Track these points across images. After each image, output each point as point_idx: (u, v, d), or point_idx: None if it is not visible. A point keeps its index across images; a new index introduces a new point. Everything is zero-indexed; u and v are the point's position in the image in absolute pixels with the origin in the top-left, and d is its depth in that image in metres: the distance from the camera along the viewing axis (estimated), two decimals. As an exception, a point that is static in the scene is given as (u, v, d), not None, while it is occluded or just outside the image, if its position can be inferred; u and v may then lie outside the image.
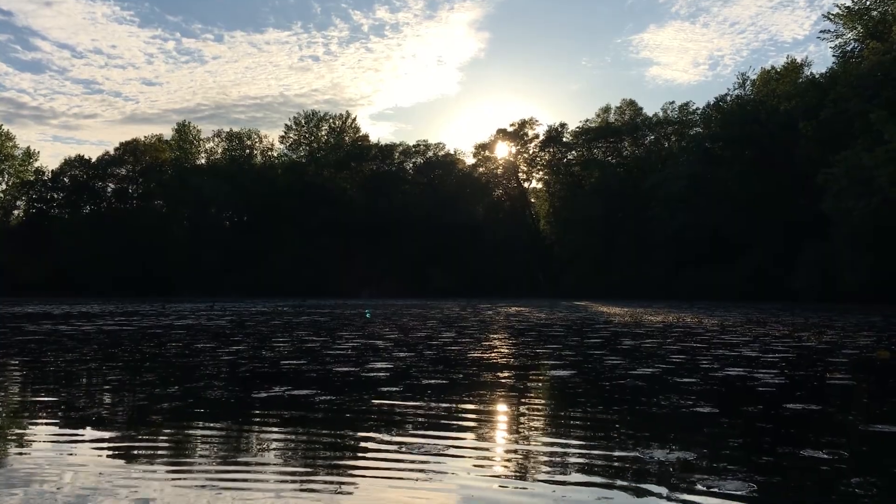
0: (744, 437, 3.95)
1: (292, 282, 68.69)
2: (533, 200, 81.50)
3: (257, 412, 4.77)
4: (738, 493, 2.85)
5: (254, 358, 8.29)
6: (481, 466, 3.35)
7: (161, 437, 4.01)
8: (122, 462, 3.42)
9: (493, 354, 8.97)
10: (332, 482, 3.09)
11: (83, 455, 3.56)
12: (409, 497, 2.88)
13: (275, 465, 3.41)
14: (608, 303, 39.52)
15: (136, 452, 3.64)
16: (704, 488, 2.94)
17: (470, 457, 3.52)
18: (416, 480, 3.10)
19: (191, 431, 4.24)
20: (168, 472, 3.25)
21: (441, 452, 3.57)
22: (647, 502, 2.81)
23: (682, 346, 10.34)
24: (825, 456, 3.48)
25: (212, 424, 4.40)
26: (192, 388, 5.81)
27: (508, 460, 3.46)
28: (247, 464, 3.42)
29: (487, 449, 3.71)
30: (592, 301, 44.06)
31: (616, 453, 3.66)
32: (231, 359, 8.17)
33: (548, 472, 3.24)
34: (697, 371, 7.18)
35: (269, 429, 4.24)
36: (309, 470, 3.32)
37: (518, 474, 3.21)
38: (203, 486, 3.01)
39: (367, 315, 20.42)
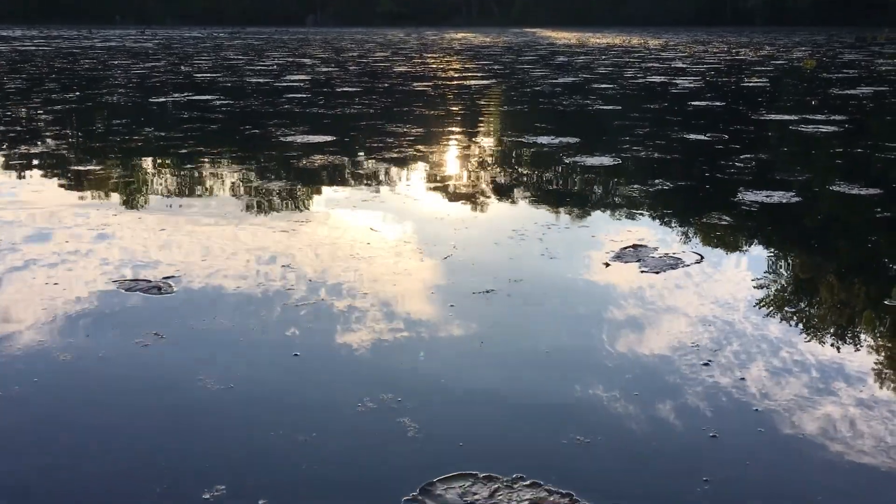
0: (638, 128, 3.95)
1: (233, 8, 64.62)
2: (488, -83, 75.45)
3: (152, 114, 4.62)
4: (602, 164, 2.88)
5: (168, 72, 7.93)
6: (368, 167, 3.34)
7: (45, 139, 3.86)
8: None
9: (420, 69, 8.74)
10: (228, 179, 3.04)
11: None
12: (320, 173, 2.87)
13: (166, 162, 3.34)
14: (559, 29, 38.38)
15: (15, 160, 3.51)
16: (573, 161, 2.97)
17: (350, 160, 3.49)
18: (318, 171, 3.07)
19: (76, 131, 4.10)
20: (42, 175, 3.16)
21: (327, 151, 3.52)
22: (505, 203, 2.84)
23: (616, 61, 10.17)
24: (707, 138, 3.53)
25: (99, 123, 4.26)
26: (92, 94, 5.56)
27: (397, 157, 3.44)
28: (132, 166, 3.34)
29: (381, 146, 3.67)
30: (544, 28, 42.72)
31: (506, 140, 3.66)
32: (143, 72, 7.81)
33: (427, 163, 3.24)
34: (620, 79, 7.11)
35: (163, 123, 4.11)
36: (208, 165, 3.26)
37: (410, 173, 3.20)
38: (77, 183, 2.95)
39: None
